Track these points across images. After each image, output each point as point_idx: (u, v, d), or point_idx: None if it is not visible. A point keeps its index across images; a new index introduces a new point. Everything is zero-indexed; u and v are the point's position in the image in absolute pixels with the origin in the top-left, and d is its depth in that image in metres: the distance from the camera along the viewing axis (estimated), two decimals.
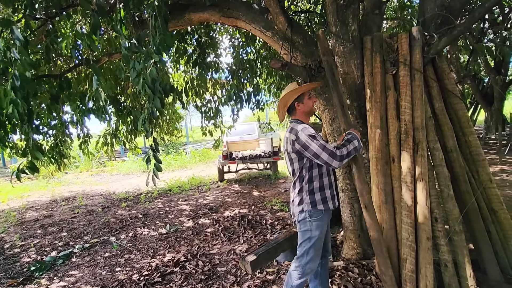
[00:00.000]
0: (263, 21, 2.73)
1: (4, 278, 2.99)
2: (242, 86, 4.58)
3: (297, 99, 1.91)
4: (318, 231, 1.81)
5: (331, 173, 1.92)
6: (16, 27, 2.20)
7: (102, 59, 3.68)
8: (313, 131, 1.79)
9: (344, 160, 1.71)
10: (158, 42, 2.48)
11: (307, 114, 1.95)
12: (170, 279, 2.66)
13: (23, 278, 2.92)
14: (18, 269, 3.17)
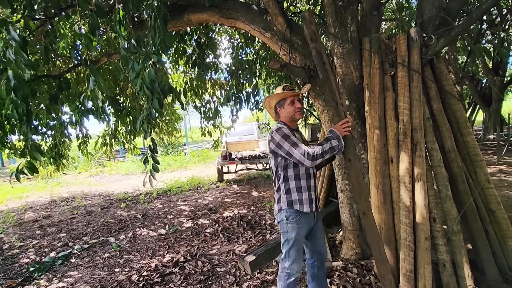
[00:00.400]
0: (262, 22, 2.74)
1: (3, 278, 2.98)
2: (241, 86, 4.59)
3: (278, 103, 1.95)
4: (294, 233, 1.80)
5: (312, 176, 1.89)
6: (12, 27, 2.20)
7: (101, 59, 3.68)
8: (287, 131, 1.82)
9: (318, 159, 1.71)
10: (158, 43, 2.48)
11: (289, 119, 1.93)
12: (169, 279, 2.66)
13: (22, 279, 2.92)
14: (17, 270, 3.16)
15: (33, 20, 2.87)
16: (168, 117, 6.78)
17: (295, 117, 1.90)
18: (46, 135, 4.37)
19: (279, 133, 1.78)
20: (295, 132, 1.91)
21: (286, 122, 1.93)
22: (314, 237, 1.96)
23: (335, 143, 1.75)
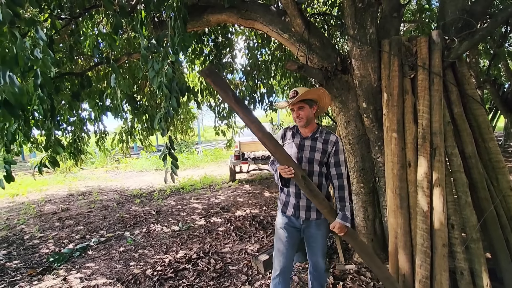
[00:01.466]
0: (280, 23, 2.76)
1: (23, 267, 3.11)
2: (256, 87, 4.62)
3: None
4: (275, 231, 1.90)
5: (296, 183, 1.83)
6: (40, 26, 2.30)
7: (122, 58, 3.78)
8: (279, 134, 1.97)
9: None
10: (177, 43, 2.54)
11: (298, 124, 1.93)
12: (182, 275, 2.71)
13: (42, 268, 3.04)
14: (37, 260, 3.29)
15: (59, 20, 2.98)
16: (183, 116, 6.89)
17: (297, 122, 1.87)
18: (66, 131, 4.53)
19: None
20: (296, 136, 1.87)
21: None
22: (309, 246, 1.91)
23: (276, 174, 1.83)
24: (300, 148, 1.82)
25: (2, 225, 4.67)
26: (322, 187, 1.79)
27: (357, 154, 2.69)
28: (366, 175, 2.67)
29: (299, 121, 1.82)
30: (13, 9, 1.76)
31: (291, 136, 1.89)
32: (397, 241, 2.14)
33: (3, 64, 1.75)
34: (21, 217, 5.09)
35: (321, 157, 1.79)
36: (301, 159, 1.80)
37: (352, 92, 2.63)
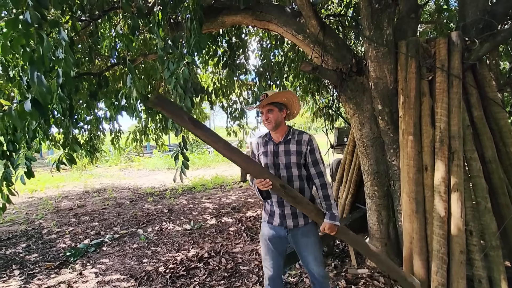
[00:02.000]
0: (295, 24, 2.75)
1: (42, 261, 3.21)
2: (268, 88, 4.62)
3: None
4: (261, 241, 1.87)
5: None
6: (63, 28, 2.38)
7: (138, 59, 3.86)
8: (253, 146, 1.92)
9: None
10: (193, 44, 2.57)
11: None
12: (194, 273, 2.74)
13: (59, 262, 3.13)
14: (54, 254, 3.39)
15: (79, 21, 3.07)
16: (196, 116, 6.96)
17: (265, 125, 1.78)
18: (83, 129, 4.66)
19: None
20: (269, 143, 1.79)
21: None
22: (300, 255, 1.83)
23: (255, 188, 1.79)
24: (275, 154, 1.76)
25: (22, 219, 4.84)
26: (305, 190, 1.74)
27: (371, 157, 2.65)
28: (380, 178, 2.63)
29: (268, 124, 1.76)
30: (40, 11, 1.83)
31: (264, 144, 1.83)
32: (412, 246, 2.09)
33: (31, 64, 1.82)
34: (39, 212, 5.26)
35: (298, 159, 1.73)
36: (278, 165, 1.75)
37: (367, 94, 2.60)
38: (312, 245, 1.77)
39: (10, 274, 2.91)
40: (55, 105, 2.77)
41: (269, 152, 1.78)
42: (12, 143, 2.64)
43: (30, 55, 1.94)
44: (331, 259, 2.82)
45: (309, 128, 13.38)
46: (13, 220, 4.81)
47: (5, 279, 2.82)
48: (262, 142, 1.85)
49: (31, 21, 1.80)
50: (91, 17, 3.15)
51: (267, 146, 1.80)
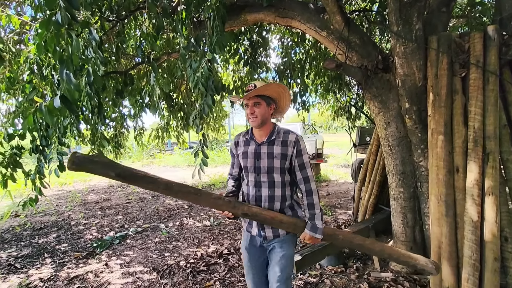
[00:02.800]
0: (319, 20, 2.70)
1: (71, 250, 3.37)
2: (288, 86, 4.58)
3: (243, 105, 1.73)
4: (242, 251, 1.68)
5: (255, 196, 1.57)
6: (93, 28, 2.47)
7: (161, 58, 3.95)
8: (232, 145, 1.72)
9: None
10: (215, 42, 2.58)
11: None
12: (214, 269, 2.77)
13: (86, 252, 3.28)
14: (82, 244, 3.55)
15: (107, 22, 3.18)
16: (216, 114, 7.04)
17: (250, 123, 1.56)
18: (108, 126, 4.84)
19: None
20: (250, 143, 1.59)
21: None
22: (269, 268, 1.59)
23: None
24: (256, 156, 1.54)
25: (53, 210, 5.11)
26: (286, 198, 1.54)
27: (397, 157, 2.56)
28: (407, 180, 2.53)
29: (252, 119, 1.51)
30: (71, 12, 1.90)
31: (244, 144, 1.61)
32: (441, 251, 2.00)
33: (61, 63, 1.90)
34: (68, 204, 5.53)
35: (282, 163, 1.51)
36: (259, 169, 1.54)
37: (394, 91, 2.51)
38: (286, 260, 1.53)
39: (43, 262, 3.08)
40: (84, 103, 2.89)
41: (249, 153, 1.56)
42: (45, 138, 2.78)
43: (60, 54, 2.03)
44: (352, 261, 2.75)
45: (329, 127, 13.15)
46: (45, 211, 5.09)
47: (38, 266, 2.99)
48: (242, 140, 1.63)
49: (62, 22, 1.88)
50: (118, 18, 3.25)
51: (248, 146, 1.59)
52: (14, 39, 3.33)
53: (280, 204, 1.54)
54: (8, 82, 2.81)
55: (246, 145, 1.60)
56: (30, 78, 2.80)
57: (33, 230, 4.10)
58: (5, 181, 2.92)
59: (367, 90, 2.59)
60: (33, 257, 3.19)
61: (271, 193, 1.54)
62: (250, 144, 1.58)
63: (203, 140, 3.11)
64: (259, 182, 1.55)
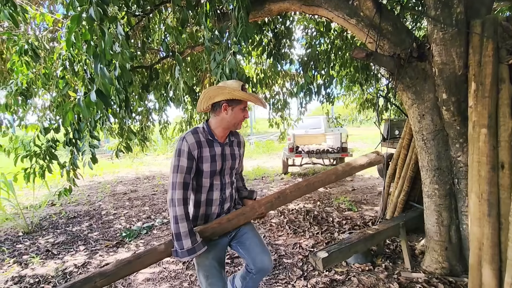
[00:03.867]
0: (347, 7, 2.56)
1: (102, 239, 3.53)
2: (313, 78, 4.45)
3: (230, 101, 1.47)
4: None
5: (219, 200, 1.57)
6: (120, 23, 2.50)
7: (186, 51, 3.97)
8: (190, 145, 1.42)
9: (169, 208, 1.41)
10: (239, 33, 2.54)
11: (229, 125, 1.51)
12: (238, 262, 2.78)
13: (116, 241, 3.41)
14: (112, 233, 3.71)
15: (134, 17, 3.23)
16: None
17: (238, 127, 1.54)
18: (134, 120, 4.98)
19: (176, 149, 1.44)
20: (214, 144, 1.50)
21: (219, 127, 1.50)
22: (246, 245, 1.64)
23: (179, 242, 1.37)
24: (224, 158, 1.52)
25: (85, 200, 5.38)
26: (234, 194, 1.68)
27: (432, 152, 2.40)
28: (442, 176, 2.37)
29: (240, 124, 1.54)
30: (102, 8, 1.93)
31: (208, 145, 1.48)
32: (482, 253, 1.86)
33: (95, 57, 1.94)
34: (98, 195, 5.80)
35: (238, 162, 1.63)
36: (224, 171, 1.53)
37: (429, 81, 2.34)
38: (257, 235, 1.64)
39: (77, 249, 3.25)
40: (112, 97, 2.97)
41: (217, 156, 1.49)
42: (77, 132, 2.89)
43: (93, 49, 2.07)
44: (381, 259, 2.65)
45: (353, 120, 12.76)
46: (78, 201, 5.37)
47: (72, 253, 3.15)
48: (204, 141, 1.47)
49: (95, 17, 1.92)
50: (144, 12, 3.28)
51: (213, 147, 1.49)
52: (47, 37, 3.47)
53: (234, 200, 1.68)
54: (44, 78, 2.93)
55: (211, 146, 1.49)
56: (63, 74, 2.91)
57: (68, 219, 4.34)
58: (42, 172, 3.09)
59: (400, 80, 2.44)
60: (68, 244, 3.38)
61: (231, 192, 1.61)
62: (215, 145, 1.50)
63: None
64: (224, 184, 1.55)
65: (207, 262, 1.49)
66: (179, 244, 1.36)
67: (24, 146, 3.58)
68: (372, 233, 2.35)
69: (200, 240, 1.40)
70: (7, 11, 2.33)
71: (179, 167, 1.40)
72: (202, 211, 1.54)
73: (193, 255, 1.37)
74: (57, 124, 3.12)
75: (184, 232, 1.36)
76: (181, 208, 1.37)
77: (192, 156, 1.43)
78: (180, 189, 1.39)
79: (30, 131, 3.65)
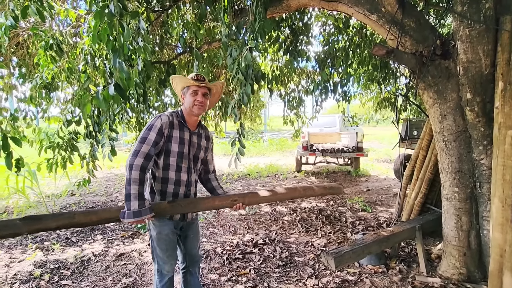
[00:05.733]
0: (368, 3, 2.49)
1: (118, 230, 3.64)
2: (329, 75, 4.38)
3: (182, 89, 1.69)
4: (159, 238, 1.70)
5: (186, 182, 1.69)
6: (141, 18, 2.55)
7: (203, 47, 3.99)
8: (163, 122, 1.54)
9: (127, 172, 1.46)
10: (257, 29, 2.53)
11: (187, 111, 1.65)
12: (249, 258, 2.80)
13: (131, 232, 3.50)
14: (127, 225, 3.81)
15: (153, 12, 3.28)
16: (253, 104, 7.03)
17: (193, 110, 1.63)
18: (151, 115, 5.07)
19: (149, 123, 1.55)
20: (185, 129, 1.64)
21: (185, 114, 1.67)
22: (188, 241, 1.79)
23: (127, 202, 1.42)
24: (191, 144, 1.67)
25: (103, 191, 5.55)
26: (196, 183, 1.80)
27: (453, 154, 2.32)
28: (463, 179, 2.29)
29: (199, 107, 1.62)
30: (122, 3, 1.97)
31: (179, 128, 1.62)
32: (504, 260, 1.78)
33: (113, 52, 1.98)
34: (116, 186, 5.97)
35: (204, 155, 1.77)
36: (191, 156, 1.68)
37: (453, 80, 2.25)
38: (199, 230, 1.86)
39: (94, 238, 3.37)
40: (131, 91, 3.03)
41: (186, 140, 1.64)
42: (97, 125, 2.98)
43: (112, 43, 2.12)
44: (395, 261, 2.59)
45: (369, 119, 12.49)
46: (96, 192, 5.55)
47: (90, 241, 3.27)
48: (177, 124, 1.62)
49: (115, 12, 1.96)
50: (163, 7, 3.33)
51: (183, 131, 1.63)
52: (70, 32, 3.58)
53: (196, 187, 1.79)
54: (67, 72, 3.03)
55: (181, 130, 1.63)
56: (85, 68, 3.00)
57: (86, 209, 4.49)
58: (64, 163, 3.21)
59: (421, 79, 2.36)
60: (87, 233, 3.50)
61: (196, 179, 1.77)
62: (184, 130, 1.65)
63: (240, 130, 3.12)
64: (191, 168, 1.68)
65: (168, 236, 1.63)
66: (127, 204, 1.42)
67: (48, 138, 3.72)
68: (387, 235, 2.30)
69: (148, 206, 1.45)
70: (34, 7, 2.42)
71: (147, 139, 1.50)
72: (170, 188, 1.64)
73: (137, 218, 1.42)
74: (78, 117, 3.23)
75: (134, 194, 1.42)
76: (137, 173, 1.44)
77: (162, 133, 1.54)
78: (142, 157, 1.47)
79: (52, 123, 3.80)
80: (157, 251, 1.65)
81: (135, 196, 1.42)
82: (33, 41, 4.04)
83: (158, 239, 1.63)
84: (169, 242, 1.65)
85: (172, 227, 1.66)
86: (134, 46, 2.54)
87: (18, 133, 3.76)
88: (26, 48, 4.39)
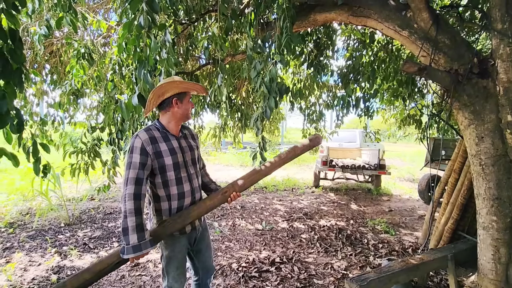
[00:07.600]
0: (399, 19, 2.43)
1: None
2: (353, 91, 4.30)
3: (177, 95, 1.55)
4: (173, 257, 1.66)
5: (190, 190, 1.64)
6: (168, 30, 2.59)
7: (226, 59, 4.03)
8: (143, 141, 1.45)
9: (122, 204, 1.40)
10: (283, 43, 2.51)
11: (181, 118, 1.61)
12: (266, 277, 2.69)
13: None
14: None
15: (180, 25, 3.35)
16: (273, 116, 7.00)
17: (189, 117, 1.63)
18: None
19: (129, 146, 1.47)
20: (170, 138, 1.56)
21: (172, 121, 1.57)
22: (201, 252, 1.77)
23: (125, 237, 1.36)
24: (182, 150, 1.59)
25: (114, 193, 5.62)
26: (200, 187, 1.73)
27: (491, 179, 2.15)
28: (502, 207, 2.11)
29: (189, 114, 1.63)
30: (151, 16, 2.01)
31: (164, 140, 1.53)
32: None
33: (139, 63, 2.00)
34: None
35: (197, 154, 1.73)
36: (187, 163, 1.61)
37: (491, 100, 2.12)
38: (210, 241, 1.83)
39: (111, 245, 3.37)
40: None
41: (176, 149, 1.55)
42: (121, 132, 3.02)
43: (139, 55, 2.16)
44: None
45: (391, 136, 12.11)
46: (114, 197, 5.63)
47: (107, 249, 3.27)
48: (159, 136, 1.52)
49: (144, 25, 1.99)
50: (190, 20, 3.39)
51: (169, 141, 1.54)
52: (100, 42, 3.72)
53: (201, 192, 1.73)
54: (96, 80, 3.12)
55: (167, 140, 1.55)
56: (112, 77, 3.08)
57: (104, 214, 4.54)
58: (86, 168, 3.27)
59: (456, 98, 2.24)
60: (103, 239, 3.52)
61: (199, 183, 1.70)
62: (171, 139, 1.57)
63: (262, 144, 3.07)
64: (190, 174, 1.61)
65: (180, 253, 1.60)
66: (126, 239, 1.35)
67: (72, 143, 3.82)
68: (416, 263, 2.14)
69: (148, 238, 1.39)
70: (69, 18, 2.52)
71: (132, 164, 1.43)
72: (174, 204, 1.55)
73: (137, 253, 1.35)
74: (103, 123, 3.30)
75: (131, 227, 1.35)
76: (131, 203, 1.36)
77: (146, 152, 1.45)
78: (132, 184, 1.39)
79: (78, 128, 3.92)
80: (169, 269, 1.60)
81: (133, 229, 1.35)
82: (65, 50, 4.23)
83: (170, 257, 1.59)
84: (181, 260, 1.62)
85: (186, 242, 1.63)
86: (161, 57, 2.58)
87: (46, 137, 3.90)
88: (59, 56, 4.61)
